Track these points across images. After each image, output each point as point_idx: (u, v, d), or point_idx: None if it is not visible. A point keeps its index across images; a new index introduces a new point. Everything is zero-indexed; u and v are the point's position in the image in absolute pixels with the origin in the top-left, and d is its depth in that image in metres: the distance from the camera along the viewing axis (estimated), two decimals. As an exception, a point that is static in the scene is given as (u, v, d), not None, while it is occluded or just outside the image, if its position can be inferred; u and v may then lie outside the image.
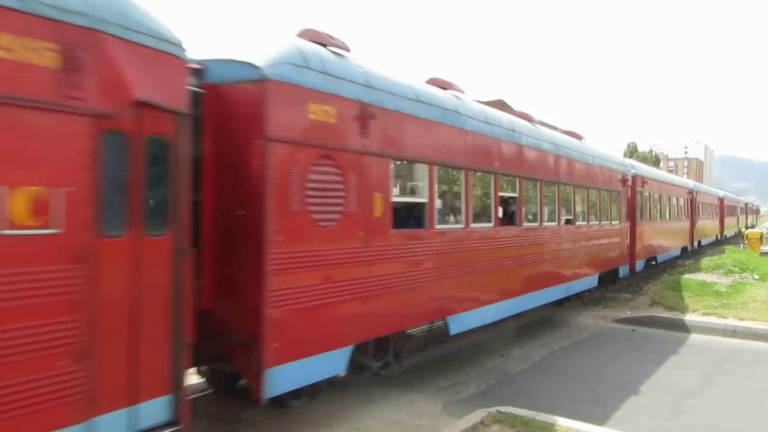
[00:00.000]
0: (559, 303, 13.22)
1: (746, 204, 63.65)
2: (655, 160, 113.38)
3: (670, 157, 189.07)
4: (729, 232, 40.46)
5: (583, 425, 6.43)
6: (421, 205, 7.79)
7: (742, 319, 12.42)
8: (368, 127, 6.48)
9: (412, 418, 6.89)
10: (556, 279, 11.85)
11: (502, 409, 6.72)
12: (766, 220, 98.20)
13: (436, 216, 7.89)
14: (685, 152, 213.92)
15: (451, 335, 8.35)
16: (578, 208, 13.00)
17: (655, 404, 7.71)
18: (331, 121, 6.00)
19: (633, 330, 12.53)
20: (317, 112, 5.83)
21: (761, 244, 26.88)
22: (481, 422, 6.35)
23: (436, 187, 7.84)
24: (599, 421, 6.94)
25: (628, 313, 13.73)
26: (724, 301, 13.50)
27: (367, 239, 6.56)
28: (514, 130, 10.10)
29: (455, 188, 8.66)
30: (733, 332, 11.96)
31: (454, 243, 8.32)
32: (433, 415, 7.02)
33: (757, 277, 16.60)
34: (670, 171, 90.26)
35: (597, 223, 14.13)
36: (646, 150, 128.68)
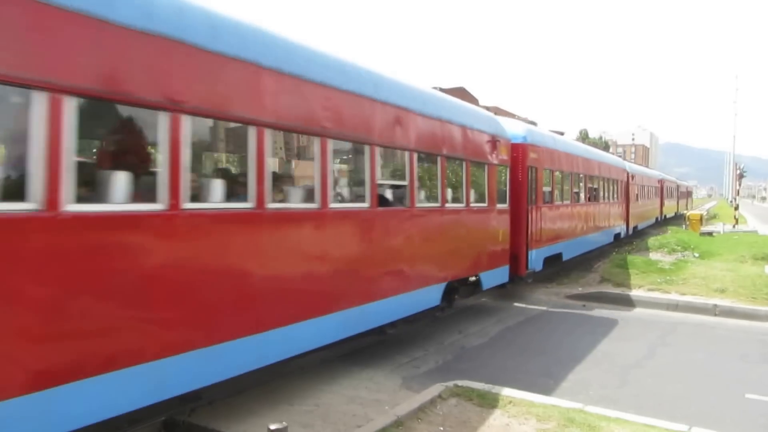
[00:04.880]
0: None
1: (690, 189, 78.86)
2: (604, 147, 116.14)
3: (618, 143, 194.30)
4: (681, 210, 50.28)
5: (536, 396, 6.65)
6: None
7: (683, 294, 13.06)
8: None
9: (371, 393, 7.00)
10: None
11: (460, 382, 6.89)
12: (706, 202, 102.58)
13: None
14: (632, 139, 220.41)
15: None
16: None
17: (603, 375, 8.05)
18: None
19: (584, 305, 13.00)
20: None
21: (701, 224, 28.12)
22: (439, 396, 6.49)
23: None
24: (551, 391, 7.20)
25: (579, 290, 14.23)
26: (668, 278, 14.12)
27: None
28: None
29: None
30: (676, 306, 12.56)
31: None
32: (392, 390, 7.15)
33: (697, 255, 17.42)
34: (619, 156, 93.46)
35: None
36: (596, 137, 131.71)
